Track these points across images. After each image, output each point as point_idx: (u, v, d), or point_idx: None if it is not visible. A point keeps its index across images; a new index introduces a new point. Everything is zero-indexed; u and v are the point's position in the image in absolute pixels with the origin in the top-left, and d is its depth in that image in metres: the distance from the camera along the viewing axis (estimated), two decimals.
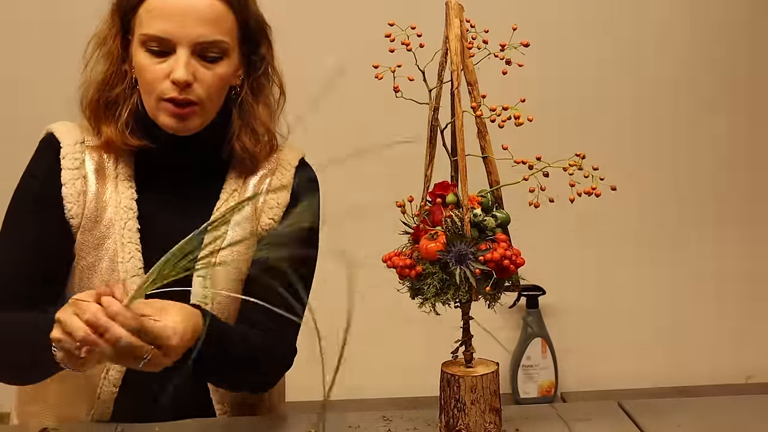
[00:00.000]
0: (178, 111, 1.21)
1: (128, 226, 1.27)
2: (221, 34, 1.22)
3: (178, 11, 1.18)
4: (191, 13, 1.18)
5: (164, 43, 1.19)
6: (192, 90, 1.21)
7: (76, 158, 1.27)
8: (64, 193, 1.26)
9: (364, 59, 1.20)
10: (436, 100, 1.14)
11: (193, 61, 1.20)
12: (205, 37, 1.20)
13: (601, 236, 2.29)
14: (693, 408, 1.29)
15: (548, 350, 2.25)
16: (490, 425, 1.13)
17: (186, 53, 1.19)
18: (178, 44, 1.19)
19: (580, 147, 1.13)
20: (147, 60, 1.20)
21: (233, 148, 1.30)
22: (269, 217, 1.33)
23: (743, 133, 2.29)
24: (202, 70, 1.21)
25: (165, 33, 1.19)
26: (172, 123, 1.23)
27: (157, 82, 1.20)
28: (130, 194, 1.28)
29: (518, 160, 1.11)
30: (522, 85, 1.19)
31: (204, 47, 1.21)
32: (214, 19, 1.20)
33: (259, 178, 1.35)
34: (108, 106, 1.27)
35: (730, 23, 2.26)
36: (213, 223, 1.11)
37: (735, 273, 2.33)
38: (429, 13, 1.27)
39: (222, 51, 1.23)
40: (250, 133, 1.31)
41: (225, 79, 1.25)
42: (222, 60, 1.23)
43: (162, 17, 1.18)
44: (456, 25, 1.11)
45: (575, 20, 2.23)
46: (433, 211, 1.11)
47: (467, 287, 1.08)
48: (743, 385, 2.32)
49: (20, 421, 1.38)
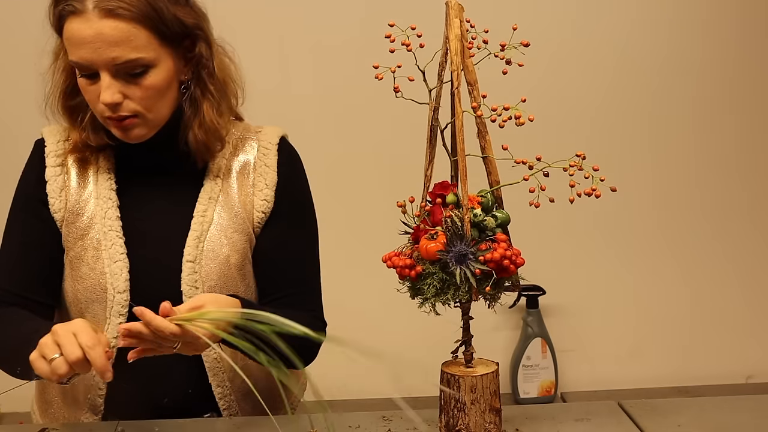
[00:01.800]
0: (120, 125, 1.26)
1: (108, 215, 1.32)
2: (135, 51, 1.21)
3: (87, 39, 1.19)
4: (98, 39, 1.19)
5: (86, 69, 1.22)
6: (124, 107, 1.24)
7: (59, 155, 1.34)
8: (48, 190, 1.33)
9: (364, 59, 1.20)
10: (436, 100, 1.14)
11: (118, 81, 1.22)
12: (120, 59, 1.21)
13: (601, 236, 2.29)
14: (693, 408, 1.29)
15: (548, 350, 2.25)
16: (490, 425, 1.13)
17: (107, 76, 1.22)
18: (99, 68, 1.21)
19: (580, 147, 1.13)
20: (82, 82, 1.25)
21: (187, 139, 1.32)
22: (261, 199, 1.36)
23: (744, 133, 2.29)
24: (131, 87, 1.23)
25: (83, 60, 1.21)
26: (120, 135, 1.28)
27: (93, 102, 1.25)
28: (109, 185, 1.33)
29: (518, 160, 1.11)
30: (522, 85, 1.19)
31: (122, 67, 1.22)
32: (123, 39, 1.20)
33: (241, 163, 1.38)
34: (72, 111, 1.32)
35: (733, 22, 2.26)
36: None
37: (735, 273, 2.33)
38: (429, 13, 1.27)
39: (143, 65, 1.23)
40: (198, 126, 1.32)
41: (158, 87, 1.25)
42: (148, 72, 1.24)
43: (76, 45, 1.21)
44: (456, 25, 1.11)
45: (575, 20, 2.23)
46: (433, 211, 1.11)
47: (467, 287, 1.08)
48: (743, 385, 2.32)
49: (44, 419, 1.43)
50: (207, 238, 1.32)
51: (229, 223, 1.34)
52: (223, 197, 1.35)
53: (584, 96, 2.25)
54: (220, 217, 1.34)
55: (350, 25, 2.16)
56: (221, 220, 1.34)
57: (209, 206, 1.34)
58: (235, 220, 1.35)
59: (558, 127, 2.14)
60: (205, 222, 1.33)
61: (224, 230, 1.34)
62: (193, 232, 1.32)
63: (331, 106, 2.21)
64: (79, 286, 1.31)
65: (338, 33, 2.18)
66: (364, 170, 2.22)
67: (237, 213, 1.35)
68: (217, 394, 1.36)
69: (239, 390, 1.38)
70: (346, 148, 2.22)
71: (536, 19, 2.20)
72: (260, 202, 1.36)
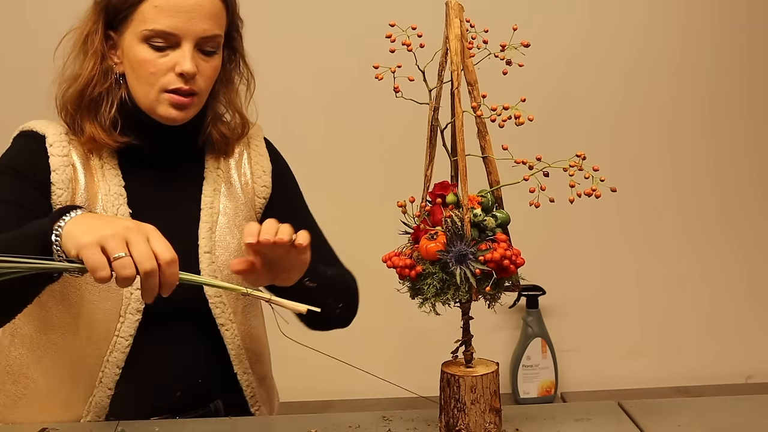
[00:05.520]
0: (181, 101, 1.26)
1: (120, 212, 1.29)
2: (219, 29, 1.28)
3: (186, 8, 1.23)
4: (198, 9, 1.24)
5: (169, 38, 1.24)
6: (195, 81, 1.26)
7: (64, 146, 1.29)
8: (54, 179, 1.26)
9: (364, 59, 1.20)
10: (436, 100, 1.14)
11: (195, 54, 1.26)
12: (208, 32, 1.26)
13: (601, 236, 2.29)
14: (693, 408, 1.29)
15: (548, 350, 2.25)
16: (490, 425, 1.13)
17: (190, 47, 1.25)
18: (184, 39, 1.24)
19: (580, 147, 1.13)
20: (149, 54, 1.24)
21: (210, 134, 1.36)
22: (262, 185, 1.42)
23: (745, 133, 2.29)
24: (202, 63, 1.27)
25: (173, 28, 1.23)
26: (174, 113, 1.27)
27: (160, 74, 1.25)
28: (117, 182, 1.31)
29: (518, 160, 1.11)
30: (522, 85, 1.19)
31: (204, 41, 1.26)
32: (215, 14, 1.27)
33: (237, 154, 1.42)
34: (90, 104, 1.29)
35: (733, 21, 2.26)
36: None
37: (735, 273, 2.33)
38: (429, 13, 1.27)
39: (217, 45, 1.29)
40: (225, 120, 1.39)
41: (218, 71, 1.32)
42: (216, 53, 1.30)
43: (169, 13, 1.22)
44: (456, 25, 1.11)
45: (575, 20, 2.23)
46: (433, 211, 1.11)
47: (467, 287, 1.08)
48: (743, 385, 2.32)
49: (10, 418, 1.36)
50: (218, 229, 1.35)
51: (235, 211, 1.37)
52: (225, 187, 1.38)
53: (584, 96, 2.25)
54: (225, 207, 1.37)
55: (350, 25, 2.16)
56: (227, 209, 1.37)
57: (215, 197, 1.36)
58: (241, 208, 1.38)
59: (558, 127, 2.14)
60: (214, 213, 1.35)
61: (232, 219, 1.37)
62: (204, 223, 1.34)
63: (331, 106, 2.21)
64: (88, 285, 1.26)
65: (338, 33, 2.18)
66: (364, 170, 2.22)
67: (241, 201, 1.39)
68: (243, 381, 1.37)
69: (258, 376, 1.40)
70: (346, 148, 2.22)
71: (536, 19, 2.19)
72: (261, 188, 1.41)
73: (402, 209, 1.14)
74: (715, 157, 2.30)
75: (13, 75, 2.10)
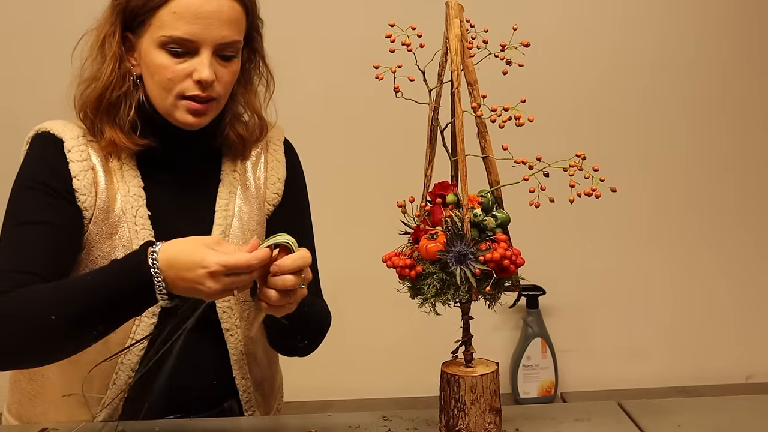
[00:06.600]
0: (199, 107, 1.25)
1: (140, 213, 1.29)
2: (239, 34, 1.26)
3: (205, 14, 1.21)
4: (217, 15, 1.22)
5: (188, 45, 1.22)
6: (213, 88, 1.25)
7: (82, 150, 1.28)
8: (76, 186, 1.26)
9: (364, 59, 1.20)
10: (436, 100, 1.14)
11: (213, 60, 1.24)
12: (227, 39, 1.24)
13: (601, 236, 2.29)
14: (693, 408, 1.29)
15: (548, 350, 2.25)
16: (490, 425, 1.13)
17: (209, 54, 1.23)
18: (202, 45, 1.22)
19: (580, 147, 1.13)
20: (167, 60, 1.23)
21: (227, 136, 1.35)
22: (274, 192, 1.40)
23: (745, 132, 2.29)
24: (221, 69, 1.25)
25: (191, 35, 1.21)
26: (191, 119, 1.26)
27: (177, 80, 1.23)
28: (137, 182, 1.30)
29: (518, 160, 1.11)
30: (522, 85, 1.19)
31: (223, 47, 1.24)
32: (235, 20, 1.25)
33: (254, 157, 1.41)
34: (109, 107, 1.27)
35: (734, 21, 2.26)
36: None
37: (735, 273, 2.33)
38: (429, 13, 1.27)
39: (236, 50, 1.27)
40: (243, 122, 1.37)
41: (236, 75, 1.30)
42: (235, 58, 1.28)
43: (188, 20, 1.20)
44: (456, 25, 1.11)
45: (575, 20, 2.23)
46: (433, 211, 1.11)
47: (467, 287, 1.08)
48: (743, 385, 2.32)
49: (21, 423, 1.37)
50: (231, 232, 1.34)
51: (249, 215, 1.37)
52: (241, 190, 1.37)
53: (584, 96, 2.25)
54: (240, 210, 1.36)
55: (350, 25, 2.16)
56: (242, 213, 1.36)
57: (230, 200, 1.36)
58: (255, 212, 1.37)
59: (558, 127, 2.14)
60: (228, 216, 1.35)
61: (245, 222, 1.36)
62: (217, 226, 1.33)
63: (331, 106, 2.21)
64: None
65: (338, 33, 2.17)
66: (365, 170, 2.22)
67: (255, 205, 1.38)
68: (240, 387, 1.37)
69: (255, 381, 1.39)
70: (346, 148, 2.22)
71: (536, 19, 2.19)
72: (272, 195, 1.40)
73: (402, 209, 1.14)
74: (714, 158, 2.30)
75: (29, 74, 2.10)
